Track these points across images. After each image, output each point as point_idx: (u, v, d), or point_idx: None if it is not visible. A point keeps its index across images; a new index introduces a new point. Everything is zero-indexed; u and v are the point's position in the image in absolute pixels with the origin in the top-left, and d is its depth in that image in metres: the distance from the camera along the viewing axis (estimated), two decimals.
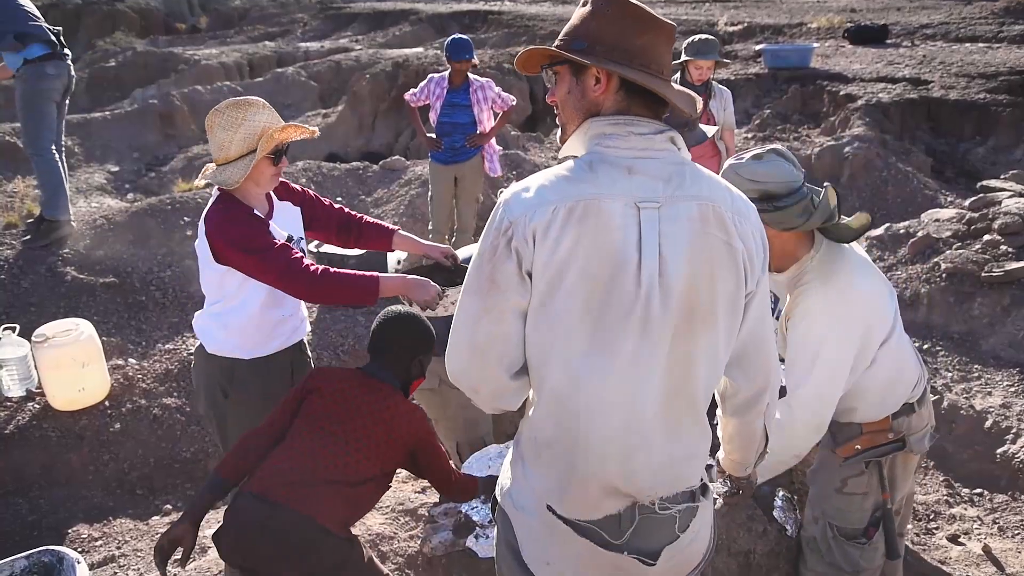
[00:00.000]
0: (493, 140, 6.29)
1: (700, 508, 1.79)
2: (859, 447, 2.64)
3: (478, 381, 1.73)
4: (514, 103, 6.18)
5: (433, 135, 6.10)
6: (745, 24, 16.84)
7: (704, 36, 5.50)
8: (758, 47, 13.49)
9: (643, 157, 1.61)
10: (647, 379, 1.62)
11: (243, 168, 2.62)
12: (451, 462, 2.62)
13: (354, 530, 2.68)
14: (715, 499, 2.90)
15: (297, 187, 3.06)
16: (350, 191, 8.12)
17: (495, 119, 6.18)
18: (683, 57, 5.40)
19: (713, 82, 5.58)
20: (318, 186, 7.95)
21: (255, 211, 2.74)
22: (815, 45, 13.13)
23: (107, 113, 13.61)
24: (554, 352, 1.63)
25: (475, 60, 5.95)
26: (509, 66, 14.26)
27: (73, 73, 6.05)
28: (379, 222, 3.16)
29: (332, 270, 2.64)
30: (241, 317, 2.80)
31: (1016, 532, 3.89)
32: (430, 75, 6.11)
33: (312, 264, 2.63)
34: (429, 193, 6.46)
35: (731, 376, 1.82)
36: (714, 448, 2.06)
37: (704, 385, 1.69)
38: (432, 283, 2.70)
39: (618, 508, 1.69)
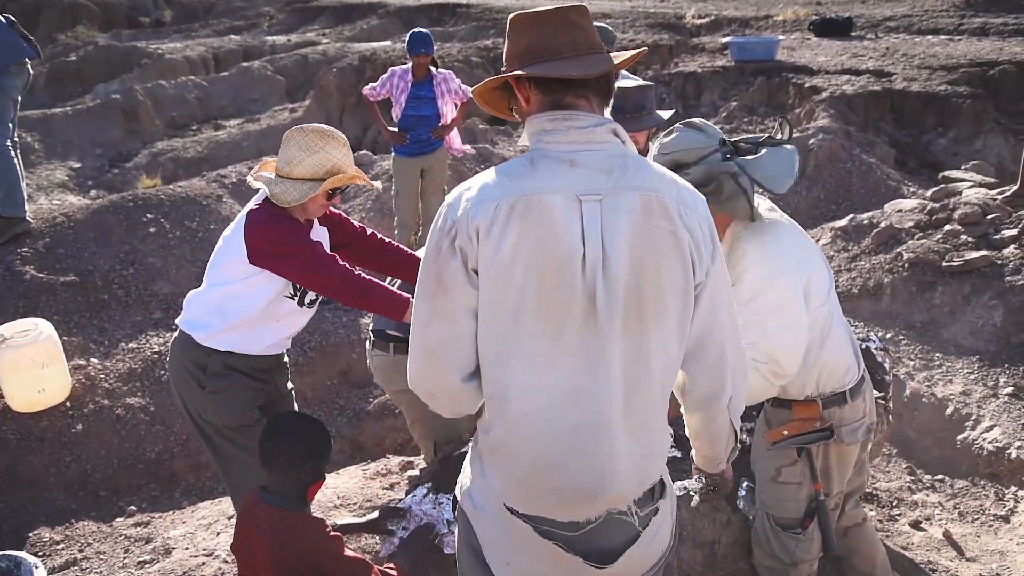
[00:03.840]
0: (455, 131, 6.38)
1: (660, 506, 1.78)
2: (786, 432, 2.66)
3: (433, 385, 1.72)
4: (471, 94, 6.16)
5: (395, 129, 6.09)
6: (712, 17, 16.94)
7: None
8: (725, 40, 13.57)
9: (585, 150, 1.61)
10: (601, 373, 1.60)
11: (303, 193, 2.67)
12: (366, 560, 2.59)
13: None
14: (691, 496, 2.92)
15: (351, 222, 3.07)
16: None
17: (455, 110, 6.24)
18: None
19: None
20: None
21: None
22: (781, 38, 13.23)
23: (68, 109, 13.38)
24: (504, 349, 1.61)
25: (435, 55, 5.97)
26: (477, 59, 14.22)
27: (31, 70, 5.95)
28: (412, 253, 3.11)
29: (367, 277, 2.70)
30: (242, 310, 2.78)
31: (976, 517, 3.96)
32: (391, 69, 6.10)
33: (355, 275, 2.69)
34: (393, 188, 6.43)
35: (687, 370, 1.79)
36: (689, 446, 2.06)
37: (660, 379, 1.67)
38: None
39: (589, 516, 1.67)
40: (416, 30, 6.01)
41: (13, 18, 5.80)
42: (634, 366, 1.63)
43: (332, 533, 2.52)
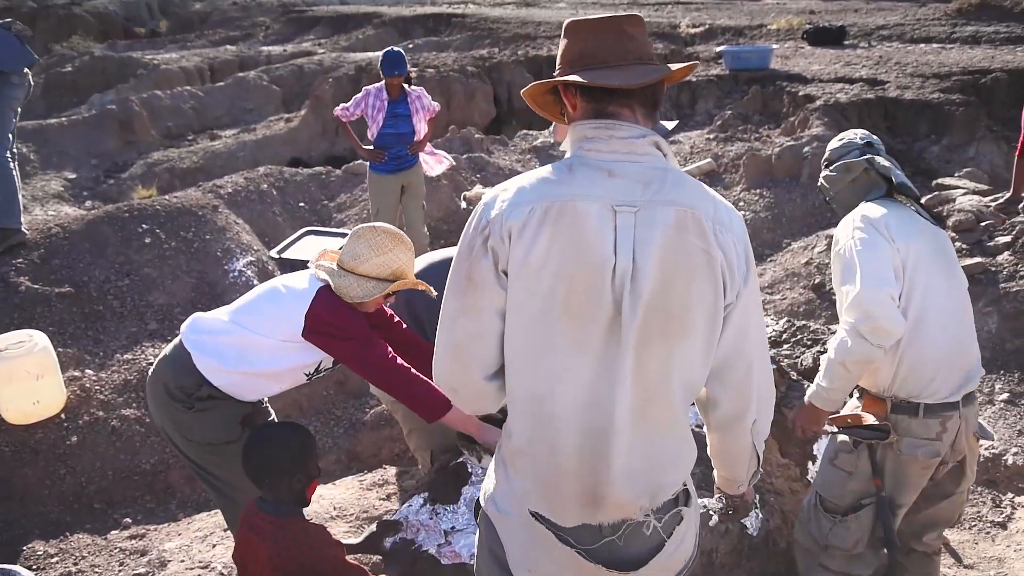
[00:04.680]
0: (428, 145, 6.46)
1: (684, 515, 1.77)
2: (849, 420, 2.68)
3: (457, 382, 1.74)
4: (439, 108, 6.42)
5: (371, 147, 6.11)
6: (706, 26, 17.02)
7: None
8: (719, 49, 13.63)
9: (624, 160, 1.62)
10: (618, 382, 1.61)
11: (367, 292, 2.74)
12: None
13: None
14: (711, 515, 2.93)
15: (386, 310, 3.10)
16: (313, 196, 8.06)
17: (426, 127, 6.33)
18: None
19: None
20: (281, 191, 7.88)
21: None
22: (775, 47, 13.30)
23: (64, 119, 13.37)
24: (528, 352, 1.63)
25: (410, 74, 6.04)
26: (472, 68, 14.26)
27: (31, 81, 5.95)
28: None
29: (414, 373, 2.76)
30: (261, 364, 2.80)
31: (973, 524, 3.96)
32: (365, 88, 6.13)
33: (401, 368, 2.76)
34: (372, 206, 6.45)
35: (711, 388, 1.76)
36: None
37: (680, 392, 1.67)
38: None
39: (600, 520, 1.68)
40: (389, 50, 6.03)
41: (18, 23, 5.80)
42: (653, 379, 1.62)
43: (331, 540, 2.53)
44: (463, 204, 7.58)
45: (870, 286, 2.49)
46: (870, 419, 2.66)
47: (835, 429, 2.78)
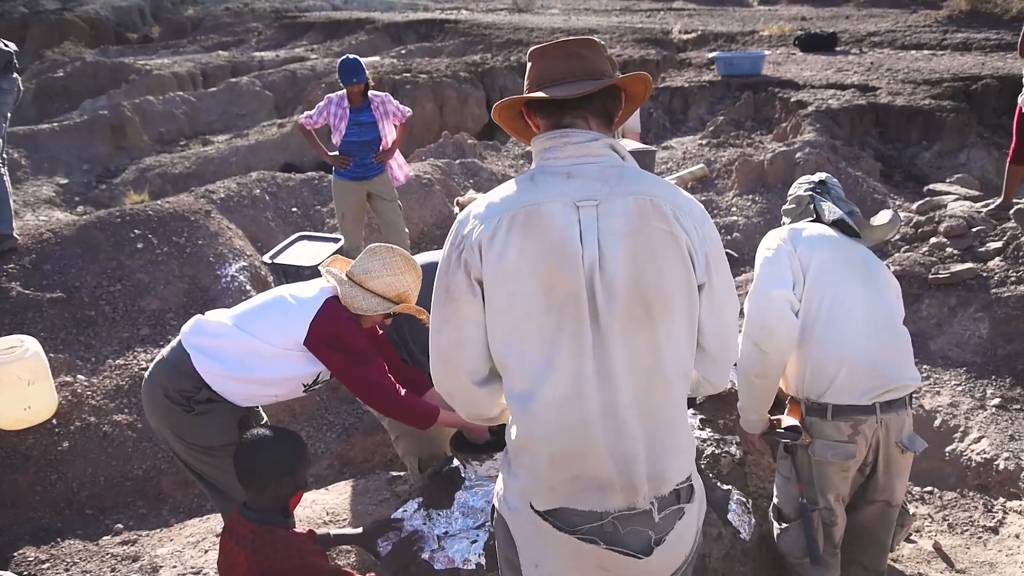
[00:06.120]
0: (397, 151, 6.36)
1: (685, 510, 1.80)
2: (773, 423, 2.84)
3: (450, 387, 1.86)
4: (410, 114, 6.33)
5: (336, 154, 6.09)
6: (699, 32, 17.09)
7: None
8: (711, 55, 13.68)
9: (581, 163, 1.72)
10: (610, 369, 1.67)
11: (372, 307, 2.81)
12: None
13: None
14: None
15: (379, 330, 3.16)
16: (306, 201, 8.05)
17: (395, 132, 6.25)
18: None
19: None
20: (273, 196, 7.87)
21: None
22: (767, 53, 13.35)
23: (56, 125, 13.33)
24: (517, 350, 1.70)
25: (369, 81, 5.97)
26: (465, 74, 14.29)
27: (22, 87, 5.94)
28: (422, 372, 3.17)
29: (404, 394, 2.83)
30: (259, 371, 2.82)
31: (965, 529, 3.97)
32: (327, 96, 6.09)
33: (394, 389, 2.82)
34: (337, 213, 6.42)
35: (700, 368, 1.87)
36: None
37: (677, 376, 1.73)
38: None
39: (607, 507, 1.71)
40: (345, 58, 5.94)
41: None
42: (644, 362, 1.69)
43: (313, 547, 2.51)
44: (456, 210, 7.57)
45: (761, 287, 2.68)
46: (790, 422, 2.77)
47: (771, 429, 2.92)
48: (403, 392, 2.83)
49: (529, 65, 1.83)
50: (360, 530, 2.99)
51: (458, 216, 1.79)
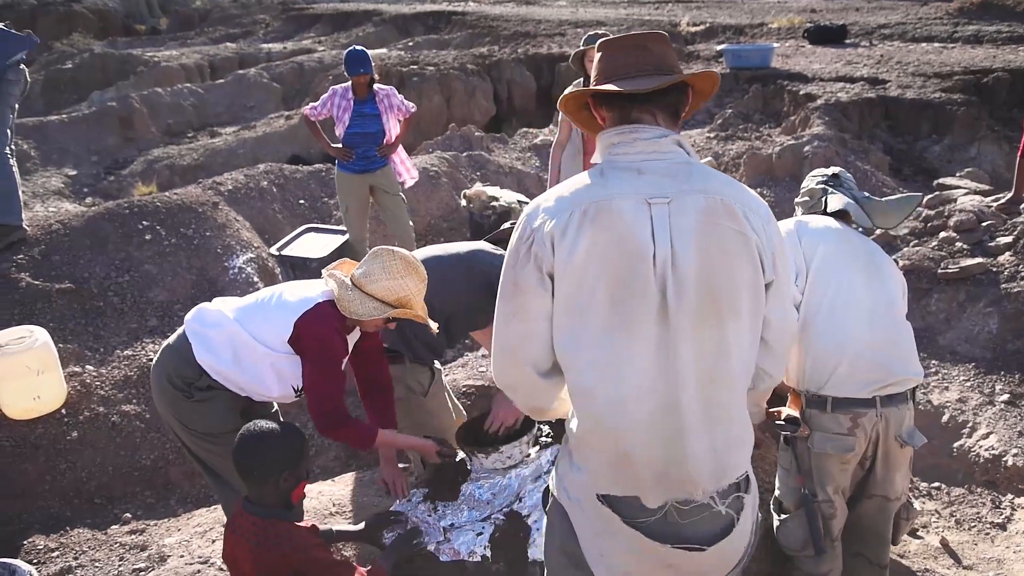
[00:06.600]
0: (400, 147, 6.34)
1: (745, 502, 1.84)
2: (774, 414, 2.84)
3: (514, 379, 1.86)
4: (415, 109, 6.32)
5: (339, 145, 6.08)
6: (707, 25, 17.01)
7: (598, 31, 5.62)
8: (719, 47, 13.63)
9: (650, 159, 1.73)
10: (677, 365, 1.68)
11: (368, 312, 2.76)
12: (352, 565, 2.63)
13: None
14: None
15: (382, 344, 3.18)
16: (313, 193, 8.05)
17: (399, 126, 6.23)
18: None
19: None
20: (281, 188, 7.88)
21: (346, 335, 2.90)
22: (775, 45, 13.29)
23: (64, 116, 13.37)
24: (583, 345, 1.71)
25: (375, 74, 5.97)
26: (473, 66, 14.26)
27: (28, 77, 5.95)
28: (385, 411, 3.21)
29: (352, 420, 2.87)
30: (252, 368, 2.84)
31: (972, 525, 3.96)
32: (332, 88, 6.08)
33: (343, 410, 2.84)
34: (341, 205, 6.41)
35: (761, 362, 1.90)
36: None
37: (740, 373, 1.77)
38: (437, 447, 3.09)
39: (667, 500, 1.74)
40: (352, 49, 5.95)
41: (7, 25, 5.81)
42: (711, 359, 1.71)
43: (315, 541, 2.52)
44: (463, 202, 7.57)
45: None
46: (789, 413, 2.78)
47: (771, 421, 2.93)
48: (347, 420, 2.85)
49: (597, 56, 1.84)
50: (362, 525, 2.99)
51: (525, 209, 1.79)
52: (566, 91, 1.89)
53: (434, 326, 2.87)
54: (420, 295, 2.83)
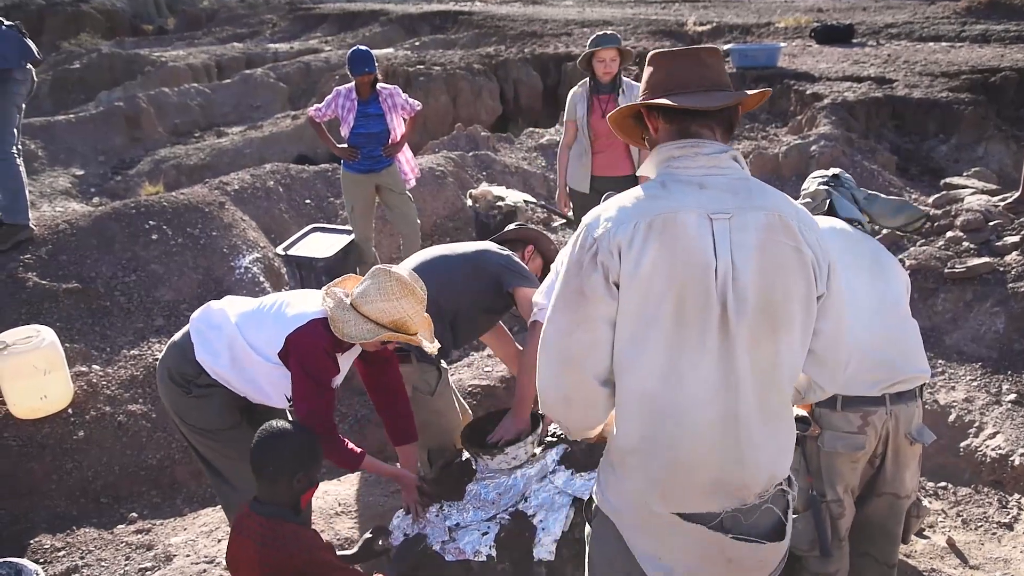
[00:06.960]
0: (406, 147, 6.34)
1: (790, 497, 1.90)
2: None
3: (572, 391, 1.82)
4: (419, 108, 6.31)
5: (345, 146, 6.08)
6: (714, 24, 16.98)
7: (606, 31, 5.60)
8: (726, 47, 13.59)
9: (711, 174, 1.77)
10: (736, 377, 1.73)
11: (360, 334, 2.70)
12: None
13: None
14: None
15: (388, 349, 3.13)
16: (319, 193, 8.07)
17: (404, 125, 6.23)
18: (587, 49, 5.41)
19: (623, 78, 5.53)
20: (287, 188, 7.89)
21: (336, 353, 2.86)
22: (782, 45, 13.25)
23: (72, 116, 13.42)
24: (643, 354, 1.73)
25: (378, 74, 5.98)
26: (479, 66, 14.26)
27: (35, 77, 5.97)
28: (408, 416, 3.23)
29: (339, 440, 2.86)
30: (250, 371, 2.85)
31: (979, 524, 3.95)
32: (336, 88, 6.08)
33: (330, 428, 2.82)
34: (347, 205, 6.41)
35: (812, 373, 1.94)
36: None
37: (788, 382, 1.82)
38: (415, 488, 3.10)
39: (722, 507, 1.79)
40: (356, 49, 5.96)
41: (18, 24, 5.82)
42: (764, 370, 1.76)
43: (321, 543, 2.53)
44: (469, 202, 7.57)
45: None
46: (798, 413, 2.73)
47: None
48: (335, 435, 2.85)
49: (651, 69, 1.87)
50: (357, 546, 2.98)
51: (584, 219, 1.80)
52: (615, 109, 1.93)
53: (431, 348, 2.84)
54: (418, 316, 2.77)
